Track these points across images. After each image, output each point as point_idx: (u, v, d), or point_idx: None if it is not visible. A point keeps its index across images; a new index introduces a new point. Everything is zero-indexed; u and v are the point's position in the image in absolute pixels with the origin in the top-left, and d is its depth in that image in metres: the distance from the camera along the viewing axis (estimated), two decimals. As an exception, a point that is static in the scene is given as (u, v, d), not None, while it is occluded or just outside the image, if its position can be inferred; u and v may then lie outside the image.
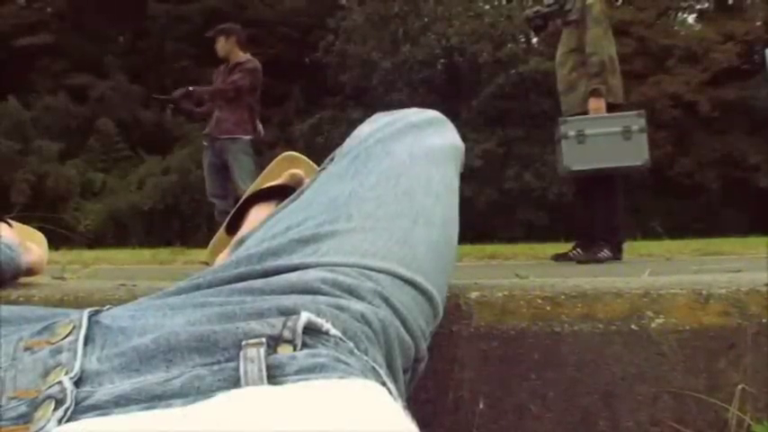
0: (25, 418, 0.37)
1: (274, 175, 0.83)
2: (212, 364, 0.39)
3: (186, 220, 16.45)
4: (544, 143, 16.69)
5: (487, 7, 19.63)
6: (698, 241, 7.19)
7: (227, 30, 4.98)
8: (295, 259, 0.52)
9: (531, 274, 1.50)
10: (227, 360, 0.39)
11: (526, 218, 16.27)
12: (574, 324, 0.73)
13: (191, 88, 4.89)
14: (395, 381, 0.47)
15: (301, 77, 19.64)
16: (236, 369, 0.38)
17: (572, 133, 4.02)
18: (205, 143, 5.03)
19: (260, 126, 5.05)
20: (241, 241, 0.61)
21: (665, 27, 20.66)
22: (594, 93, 4.02)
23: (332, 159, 0.65)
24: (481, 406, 0.73)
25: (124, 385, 0.38)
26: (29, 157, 17.96)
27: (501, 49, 17.25)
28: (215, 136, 4.86)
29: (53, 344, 0.43)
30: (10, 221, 0.99)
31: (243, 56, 4.95)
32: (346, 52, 18.09)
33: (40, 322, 0.47)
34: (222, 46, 4.95)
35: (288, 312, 0.43)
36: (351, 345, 0.43)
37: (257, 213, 0.76)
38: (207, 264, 0.81)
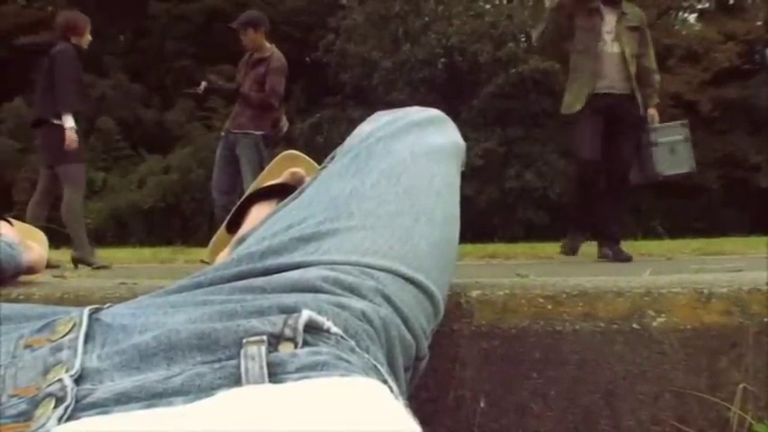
0: (25, 416, 0.37)
1: (275, 174, 0.83)
2: (213, 361, 0.39)
3: (187, 219, 16.46)
4: (544, 142, 16.70)
5: (488, 7, 19.60)
6: (698, 241, 7.18)
7: (256, 22, 4.80)
8: (296, 257, 0.52)
9: (531, 273, 1.50)
10: (228, 358, 0.39)
11: (526, 217, 16.26)
12: (575, 323, 0.73)
13: (242, 90, 4.75)
14: (396, 379, 0.47)
15: (302, 76, 19.61)
16: (237, 367, 0.38)
17: (663, 140, 4.31)
18: (222, 134, 4.98)
19: (284, 121, 4.95)
20: (242, 240, 0.61)
21: (666, 27, 20.63)
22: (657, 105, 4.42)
23: (333, 158, 0.65)
24: (482, 405, 0.73)
25: (125, 383, 0.38)
26: (30, 156, 17.97)
27: (501, 49, 17.23)
28: (229, 129, 4.80)
29: (53, 341, 0.43)
30: (11, 220, 0.99)
31: (268, 48, 4.79)
32: (347, 51, 18.08)
33: (41, 320, 0.47)
34: (252, 38, 4.75)
35: (289, 310, 0.43)
36: (352, 343, 0.43)
37: (258, 212, 0.76)
38: (206, 263, 0.81)
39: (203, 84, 5.04)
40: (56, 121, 4.60)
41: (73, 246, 4.69)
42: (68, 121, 4.62)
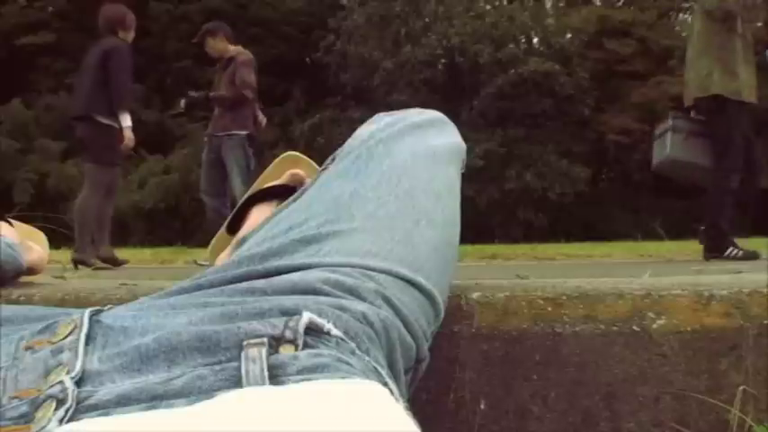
0: (26, 418, 0.37)
1: (275, 175, 0.83)
2: (214, 363, 0.39)
3: (187, 219, 16.44)
4: (545, 143, 16.69)
5: (489, 8, 19.60)
6: (699, 242, 7.16)
7: (211, 29, 4.95)
8: (297, 259, 0.52)
9: (532, 274, 1.50)
10: (229, 360, 0.39)
11: (526, 218, 16.26)
12: (575, 325, 0.73)
13: (211, 94, 4.85)
14: (396, 381, 0.47)
15: (302, 77, 19.62)
16: (238, 369, 0.38)
17: None
18: (206, 139, 5.04)
19: (261, 116, 5.00)
20: (242, 241, 0.61)
21: (667, 28, 20.62)
22: None
23: (333, 159, 0.65)
24: (482, 406, 0.73)
25: (125, 385, 0.38)
26: (30, 156, 17.97)
27: (501, 50, 17.23)
28: (213, 133, 4.86)
29: (54, 343, 0.43)
30: (11, 220, 0.99)
31: (233, 49, 4.91)
32: (347, 52, 18.08)
33: (42, 321, 0.47)
34: (212, 45, 4.91)
35: (289, 312, 0.43)
36: (352, 345, 0.43)
37: (258, 213, 0.75)
38: (199, 264, 0.81)
39: (183, 101, 5.17)
40: (103, 120, 4.50)
41: (74, 246, 4.69)
42: (126, 120, 4.53)
